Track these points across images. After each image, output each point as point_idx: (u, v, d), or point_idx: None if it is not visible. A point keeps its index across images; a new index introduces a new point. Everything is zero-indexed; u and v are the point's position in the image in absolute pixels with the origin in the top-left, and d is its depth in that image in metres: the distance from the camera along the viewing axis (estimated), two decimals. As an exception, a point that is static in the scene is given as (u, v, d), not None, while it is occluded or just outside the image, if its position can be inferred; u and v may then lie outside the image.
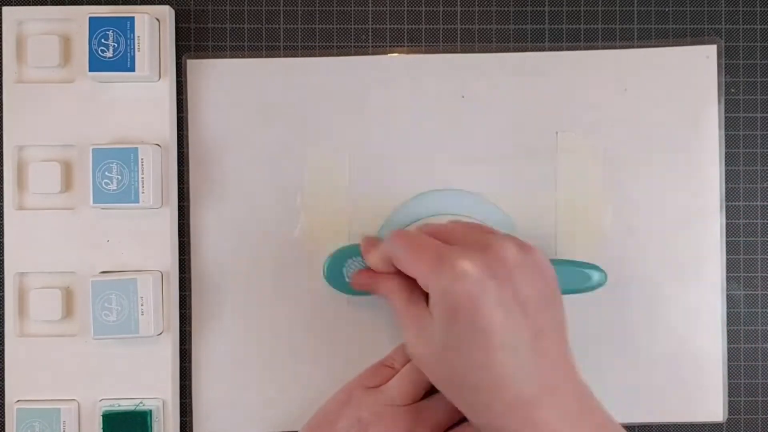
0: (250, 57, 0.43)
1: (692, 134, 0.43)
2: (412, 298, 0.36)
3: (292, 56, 0.43)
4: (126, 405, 0.41)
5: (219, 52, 0.43)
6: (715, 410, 0.43)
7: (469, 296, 0.32)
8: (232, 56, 0.43)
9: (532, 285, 0.33)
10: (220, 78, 0.43)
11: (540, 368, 0.32)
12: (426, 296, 0.35)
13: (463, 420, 0.39)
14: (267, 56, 0.43)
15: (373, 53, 0.43)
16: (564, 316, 0.35)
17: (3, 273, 0.42)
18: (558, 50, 0.43)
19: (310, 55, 0.43)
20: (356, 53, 0.43)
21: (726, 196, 0.43)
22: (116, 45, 0.40)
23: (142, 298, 0.40)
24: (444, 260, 0.33)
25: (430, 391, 0.39)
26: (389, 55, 0.43)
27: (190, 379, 0.43)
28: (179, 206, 0.43)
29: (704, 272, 0.43)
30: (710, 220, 0.43)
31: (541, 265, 0.34)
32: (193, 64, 0.43)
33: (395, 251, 0.36)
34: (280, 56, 0.43)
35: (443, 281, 0.33)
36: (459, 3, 0.44)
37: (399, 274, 0.37)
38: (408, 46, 0.44)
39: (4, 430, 0.42)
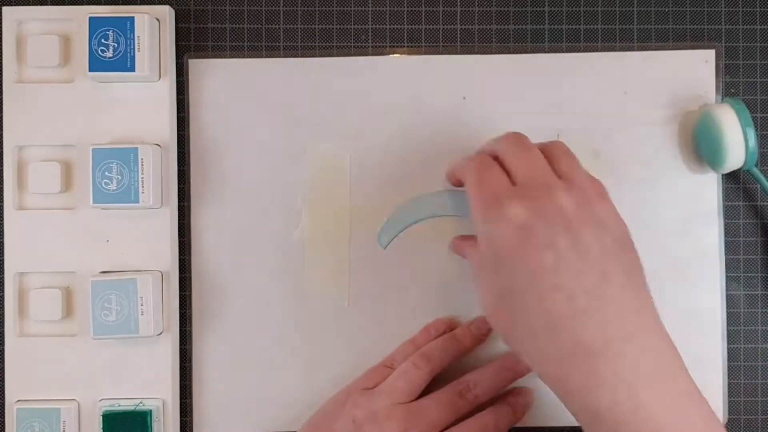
0: (250, 57, 0.43)
1: (691, 135, 0.43)
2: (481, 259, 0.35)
3: (292, 56, 0.43)
4: (126, 405, 0.41)
5: (219, 52, 0.43)
6: (715, 412, 0.43)
7: (512, 239, 0.31)
8: (232, 57, 0.43)
9: (594, 234, 0.31)
10: (221, 78, 0.43)
11: (606, 316, 0.30)
12: None
13: (459, 420, 0.39)
14: (267, 56, 0.43)
15: (374, 54, 0.43)
16: (639, 265, 0.33)
17: (3, 273, 0.42)
18: (558, 50, 0.43)
19: (310, 56, 0.43)
20: (356, 53, 0.43)
21: (725, 196, 0.43)
22: (116, 45, 0.40)
23: (141, 298, 0.40)
24: (497, 202, 0.32)
25: (427, 389, 0.39)
26: (390, 56, 0.43)
27: (190, 379, 0.43)
28: (179, 206, 0.43)
29: (704, 273, 0.43)
30: (710, 220, 0.43)
31: (606, 219, 0.32)
32: (194, 64, 0.43)
33: (464, 174, 0.35)
34: (280, 56, 0.43)
35: (489, 225, 0.32)
36: (459, 3, 0.44)
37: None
38: (408, 47, 0.44)
39: (4, 430, 0.42)
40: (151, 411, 0.41)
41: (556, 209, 0.31)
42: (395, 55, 0.43)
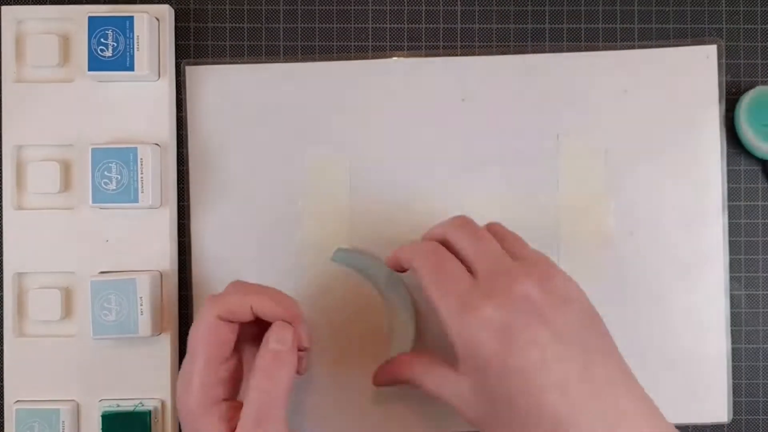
0: (250, 56, 0.43)
1: (693, 134, 0.43)
2: (430, 366, 0.35)
3: (291, 54, 0.43)
4: (125, 405, 0.41)
5: (218, 51, 0.43)
6: (719, 411, 0.43)
7: (494, 344, 0.31)
8: (232, 56, 0.43)
9: (564, 315, 0.32)
10: (218, 82, 0.43)
11: (600, 398, 0.30)
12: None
13: None
14: (267, 54, 0.43)
15: (374, 54, 0.43)
16: (608, 333, 0.33)
17: (2, 273, 0.42)
18: (558, 50, 0.43)
19: (309, 52, 0.43)
20: (356, 51, 0.43)
21: (727, 196, 0.43)
22: (115, 44, 0.40)
23: (141, 298, 0.40)
24: (466, 305, 0.32)
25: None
26: (389, 59, 0.43)
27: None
28: (179, 206, 0.43)
29: (707, 273, 0.43)
30: (712, 220, 0.43)
31: (567, 292, 0.33)
32: (191, 70, 0.43)
33: (420, 271, 0.34)
34: (279, 54, 0.43)
35: (465, 332, 0.31)
36: (459, 2, 0.44)
37: (414, 357, 0.36)
38: (408, 45, 0.43)
39: (3, 430, 0.42)
40: (150, 411, 0.41)
41: (525, 299, 0.31)
42: (394, 58, 0.43)
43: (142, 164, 0.40)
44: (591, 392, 0.30)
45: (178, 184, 0.43)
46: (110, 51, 0.40)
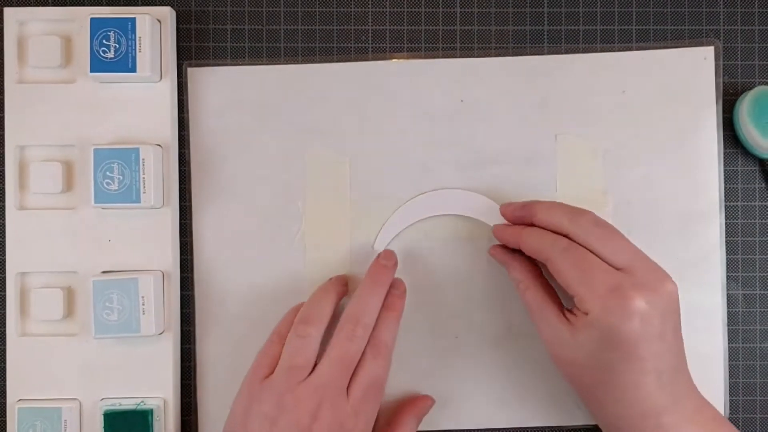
0: (251, 57, 0.43)
1: (691, 135, 0.43)
2: (546, 298, 0.38)
3: (292, 55, 0.43)
4: (127, 404, 0.41)
5: (219, 53, 0.44)
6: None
7: (636, 333, 0.34)
8: (233, 57, 0.43)
9: (672, 317, 0.36)
10: (220, 84, 0.43)
11: (674, 385, 0.35)
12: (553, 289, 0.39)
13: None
14: (268, 55, 0.43)
15: (373, 56, 0.44)
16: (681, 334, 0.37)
17: (4, 273, 0.42)
18: (557, 51, 0.44)
19: (310, 54, 0.44)
20: (356, 52, 0.44)
21: (725, 196, 0.43)
22: (117, 46, 0.40)
23: (143, 297, 0.40)
24: (617, 294, 0.34)
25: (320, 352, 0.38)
26: (389, 61, 0.43)
27: (192, 379, 0.43)
28: (180, 206, 0.43)
29: (704, 273, 0.43)
30: (710, 220, 0.43)
31: (677, 296, 0.36)
32: (193, 72, 0.43)
33: (558, 262, 0.36)
34: (280, 56, 0.44)
35: (612, 317, 0.34)
36: (458, 4, 0.44)
37: (533, 265, 0.40)
38: (408, 47, 0.44)
39: (5, 430, 0.42)
40: (152, 410, 0.41)
41: (668, 296, 0.35)
42: (394, 60, 0.43)
43: (143, 165, 0.40)
44: (673, 378, 0.36)
45: (180, 184, 0.43)
46: (112, 52, 0.40)
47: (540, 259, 0.38)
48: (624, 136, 0.43)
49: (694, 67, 0.43)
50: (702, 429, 0.36)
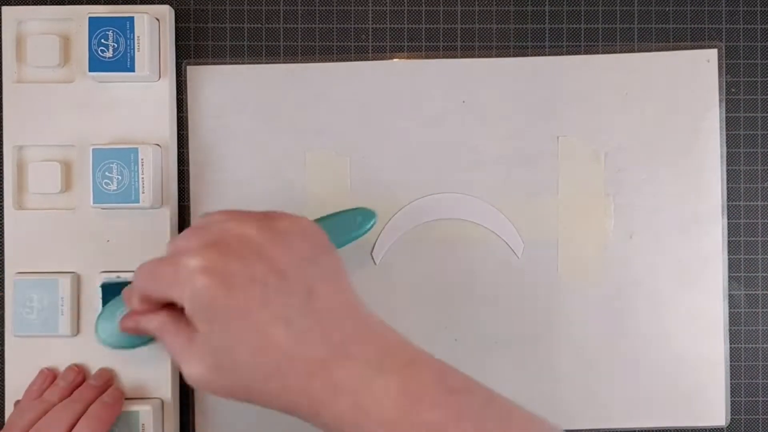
0: (250, 56, 0.43)
1: (693, 137, 0.43)
2: (180, 325, 0.32)
3: (291, 54, 0.43)
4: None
5: (218, 52, 0.43)
6: (718, 415, 0.43)
7: (214, 288, 0.29)
8: (232, 56, 0.43)
9: (288, 252, 0.31)
10: (219, 83, 0.43)
11: (324, 327, 0.30)
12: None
13: None
14: (267, 54, 0.43)
15: (374, 55, 0.43)
16: (339, 267, 0.33)
17: (3, 273, 0.42)
18: (558, 49, 0.43)
19: (309, 53, 0.43)
20: (356, 51, 0.43)
21: (727, 196, 0.43)
22: (116, 45, 0.40)
23: (142, 298, 0.40)
24: (178, 266, 0.30)
25: None
26: (390, 61, 0.43)
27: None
28: (179, 206, 0.43)
29: (706, 275, 0.43)
30: (712, 223, 0.43)
31: (292, 231, 0.32)
32: (192, 71, 0.43)
33: (141, 285, 0.32)
34: (279, 55, 0.43)
35: (186, 288, 0.30)
36: (459, 2, 0.44)
37: (165, 307, 0.33)
38: (408, 46, 0.44)
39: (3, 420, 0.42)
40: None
41: (242, 242, 0.31)
42: (395, 60, 0.43)
43: (142, 164, 0.40)
44: (314, 323, 0.30)
45: (179, 184, 0.43)
46: (111, 52, 0.40)
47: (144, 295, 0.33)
48: (626, 138, 0.43)
49: (697, 69, 0.43)
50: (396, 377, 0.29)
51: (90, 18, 0.40)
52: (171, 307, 0.32)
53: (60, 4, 0.43)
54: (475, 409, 0.30)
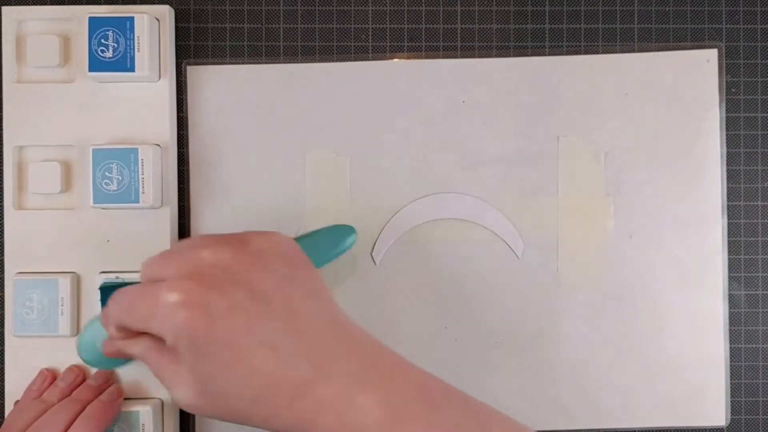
0: (250, 56, 0.43)
1: (693, 137, 0.43)
2: (163, 351, 0.31)
3: (291, 54, 0.43)
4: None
5: (218, 52, 0.43)
6: (718, 415, 0.43)
7: (195, 320, 0.29)
8: (232, 56, 0.43)
9: (265, 274, 0.31)
10: (219, 83, 0.43)
11: (309, 347, 0.30)
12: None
13: None
14: (267, 54, 0.43)
15: (374, 55, 0.43)
16: (318, 281, 0.33)
17: (3, 273, 0.42)
18: (558, 49, 0.43)
19: (309, 53, 0.43)
20: (356, 51, 0.43)
21: (727, 196, 0.43)
22: (116, 45, 0.40)
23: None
24: (156, 300, 0.30)
25: None
26: (390, 61, 0.43)
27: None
28: (179, 206, 0.43)
29: (707, 276, 0.43)
30: (712, 223, 0.43)
31: (266, 250, 0.32)
32: (192, 71, 0.43)
33: (117, 316, 0.32)
34: (279, 55, 0.43)
35: (165, 323, 0.29)
36: (459, 2, 0.44)
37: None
38: (408, 46, 0.44)
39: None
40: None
41: (218, 269, 0.30)
42: (395, 60, 0.43)
43: (142, 165, 0.40)
44: (298, 343, 0.30)
45: (179, 184, 0.43)
46: (111, 52, 0.40)
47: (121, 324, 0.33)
48: (626, 139, 0.43)
49: (697, 70, 0.43)
50: (376, 389, 0.29)
51: (90, 18, 0.40)
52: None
53: (60, 4, 0.43)
54: (456, 419, 0.30)
